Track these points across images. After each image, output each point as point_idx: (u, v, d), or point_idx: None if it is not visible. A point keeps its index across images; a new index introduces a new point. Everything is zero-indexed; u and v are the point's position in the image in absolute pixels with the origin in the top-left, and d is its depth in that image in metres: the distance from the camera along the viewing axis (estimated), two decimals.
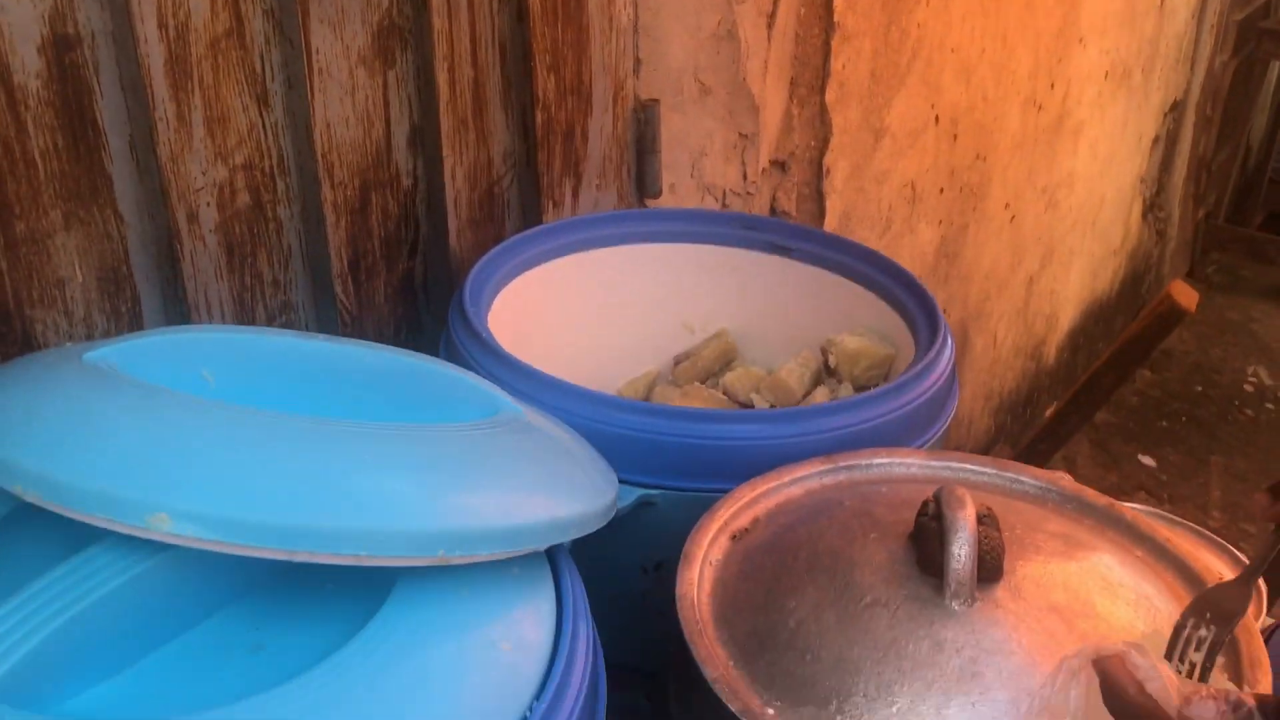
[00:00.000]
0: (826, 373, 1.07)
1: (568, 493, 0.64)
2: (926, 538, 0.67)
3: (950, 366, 0.91)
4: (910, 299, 1.00)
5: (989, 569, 0.65)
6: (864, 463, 0.82)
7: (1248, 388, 3.43)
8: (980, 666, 0.61)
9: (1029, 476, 0.80)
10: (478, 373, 0.86)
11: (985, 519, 0.67)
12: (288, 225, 0.90)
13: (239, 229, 0.86)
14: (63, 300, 0.76)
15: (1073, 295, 2.84)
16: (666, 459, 0.81)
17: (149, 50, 0.76)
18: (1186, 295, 1.93)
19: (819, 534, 0.73)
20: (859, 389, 1.04)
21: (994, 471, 0.81)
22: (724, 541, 0.75)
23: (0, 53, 0.68)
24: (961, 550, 0.64)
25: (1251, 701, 0.46)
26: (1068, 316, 2.85)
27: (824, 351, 1.06)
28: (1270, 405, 3.34)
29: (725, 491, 0.78)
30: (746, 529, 0.76)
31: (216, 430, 0.57)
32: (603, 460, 0.73)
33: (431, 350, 0.97)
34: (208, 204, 0.83)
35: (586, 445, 0.74)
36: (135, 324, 0.81)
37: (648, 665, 0.87)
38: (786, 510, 0.78)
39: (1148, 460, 3.02)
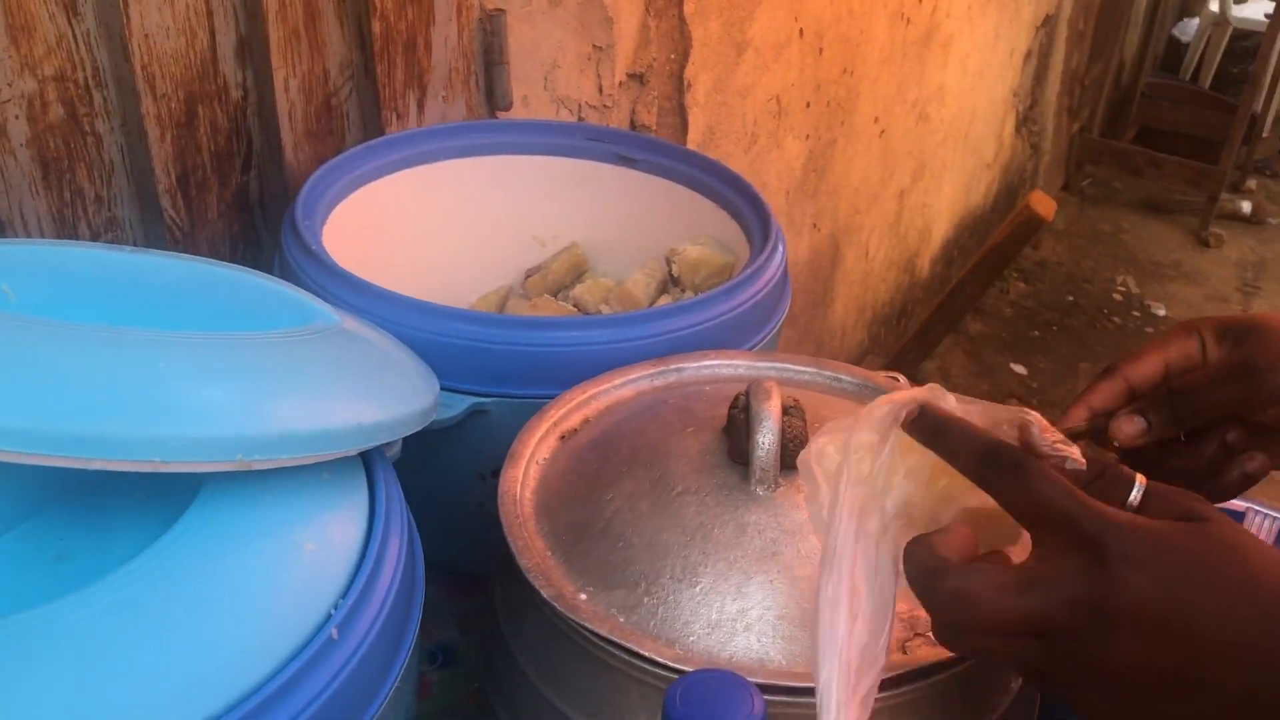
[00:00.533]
0: (671, 282, 1.09)
1: (378, 397, 0.65)
2: (736, 429, 0.69)
3: (781, 270, 0.94)
4: (746, 206, 1.01)
5: (792, 457, 0.67)
6: (693, 365, 0.84)
7: (1116, 296, 3.57)
8: (780, 547, 0.64)
9: (847, 374, 0.83)
10: (308, 286, 0.86)
11: (791, 410, 0.69)
12: (108, 139, 0.88)
13: (54, 143, 0.84)
14: None
15: (945, 208, 2.91)
16: (497, 366, 0.82)
17: None
18: (1044, 204, 1.99)
19: (641, 430, 0.75)
20: None
21: (814, 370, 0.83)
22: (552, 441, 0.77)
23: None
24: (765, 439, 0.66)
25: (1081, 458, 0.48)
26: (941, 229, 2.92)
27: (668, 261, 1.08)
28: (1137, 313, 3.48)
29: (557, 396, 0.79)
30: (575, 429, 0.78)
31: (5, 340, 0.56)
32: (424, 366, 0.74)
33: (267, 267, 0.96)
34: (16, 117, 0.80)
35: (407, 352, 0.74)
36: None
37: (488, 571, 0.89)
38: (615, 410, 0.80)
39: (1019, 368, 3.13)
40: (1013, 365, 3.15)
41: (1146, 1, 4.46)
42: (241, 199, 0.99)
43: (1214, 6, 4.82)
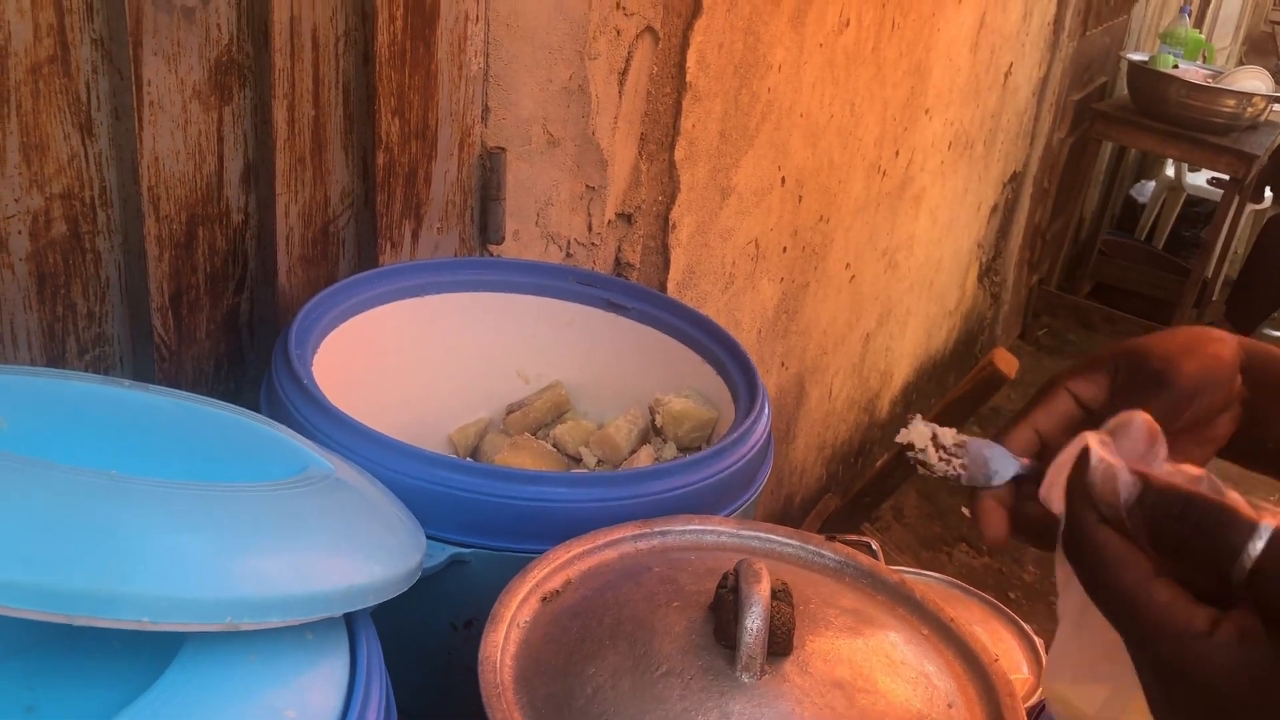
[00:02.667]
0: (653, 431, 1.09)
1: (368, 558, 0.64)
2: (724, 609, 0.69)
3: (765, 435, 0.94)
4: (734, 366, 1.03)
5: (779, 643, 0.67)
6: (677, 529, 0.84)
7: None
8: None
9: (830, 551, 0.83)
10: (296, 419, 0.85)
11: (780, 594, 0.69)
12: (107, 257, 0.87)
13: (53, 259, 0.83)
14: None
15: (908, 352, 2.96)
16: (481, 518, 0.82)
17: None
18: (1007, 362, 2.03)
19: (625, 600, 0.74)
20: (683, 449, 1.07)
21: (797, 544, 0.84)
22: (534, 603, 0.76)
23: None
24: (753, 624, 0.66)
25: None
26: (902, 372, 2.97)
27: (651, 410, 1.09)
28: None
29: (539, 552, 0.79)
30: (558, 591, 0.77)
31: (7, 489, 0.55)
32: (412, 521, 0.73)
33: (254, 390, 0.96)
34: (19, 232, 0.80)
35: (398, 505, 0.74)
36: None
37: (452, 717, 0.87)
38: (598, 574, 0.79)
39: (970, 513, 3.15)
40: (964, 509, 3.17)
41: (1107, 163, 4.63)
42: (231, 320, 0.99)
43: (1169, 171, 5.02)
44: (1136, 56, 3.97)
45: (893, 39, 2.14)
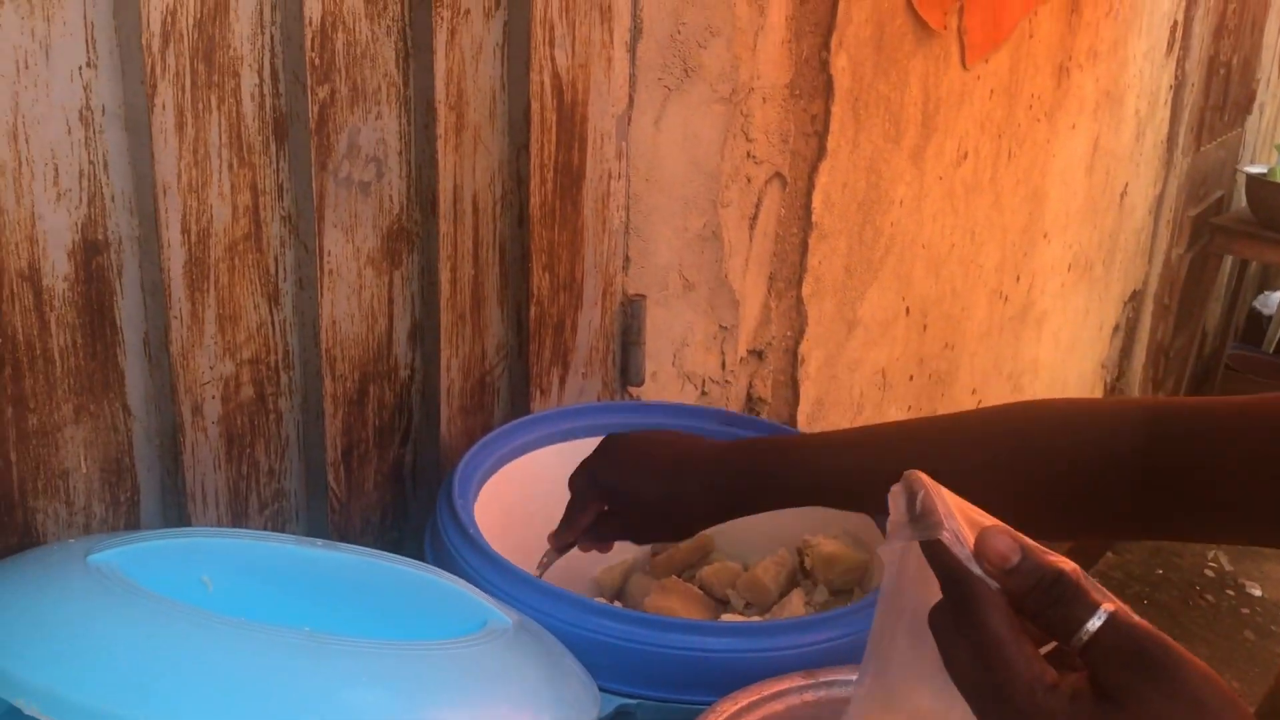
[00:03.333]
0: (802, 574, 1.09)
1: (554, 716, 0.65)
2: None
3: None
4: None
5: None
6: (843, 678, 0.83)
7: (1208, 573, 3.47)
8: None
9: None
10: (462, 567, 0.88)
11: None
12: (288, 416, 0.92)
13: (241, 421, 0.88)
14: (65, 491, 0.78)
15: None
16: (647, 668, 0.82)
17: (171, 254, 0.79)
18: None
19: None
20: (834, 592, 1.06)
21: None
22: None
23: (33, 258, 0.72)
24: None
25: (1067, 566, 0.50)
26: None
27: (800, 553, 1.09)
28: (1231, 592, 3.38)
29: (703, 704, 0.79)
30: None
31: (215, 649, 0.58)
32: (585, 674, 0.75)
33: (416, 537, 0.99)
34: (213, 397, 0.86)
35: (571, 659, 0.75)
36: (133, 512, 0.83)
37: None
38: None
39: None
40: None
41: (1229, 276, 4.53)
42: (396, 471, 1.03)
43: None
44: (1254, 169, 3.91)
45: (1009, 167, 2.16)
